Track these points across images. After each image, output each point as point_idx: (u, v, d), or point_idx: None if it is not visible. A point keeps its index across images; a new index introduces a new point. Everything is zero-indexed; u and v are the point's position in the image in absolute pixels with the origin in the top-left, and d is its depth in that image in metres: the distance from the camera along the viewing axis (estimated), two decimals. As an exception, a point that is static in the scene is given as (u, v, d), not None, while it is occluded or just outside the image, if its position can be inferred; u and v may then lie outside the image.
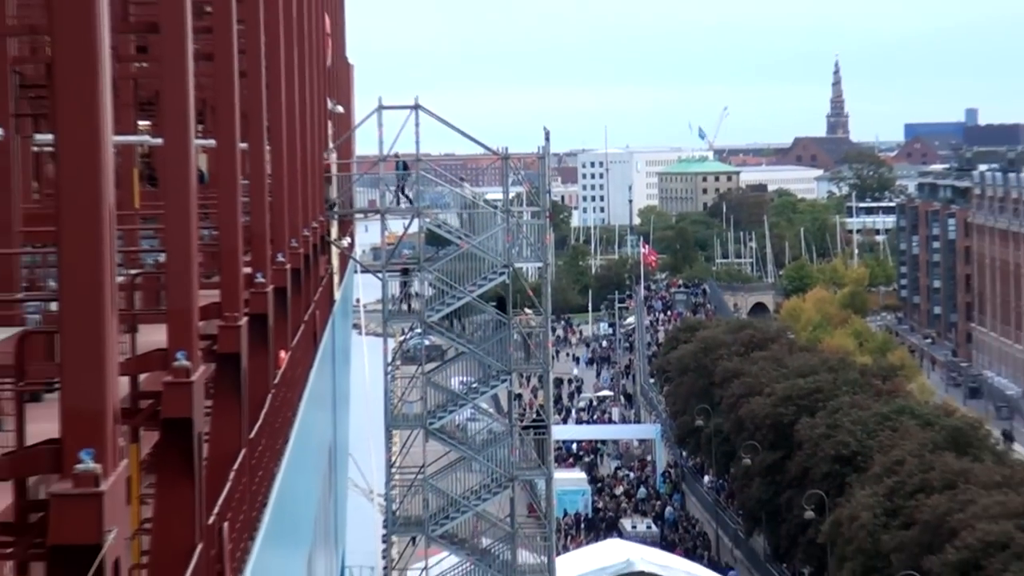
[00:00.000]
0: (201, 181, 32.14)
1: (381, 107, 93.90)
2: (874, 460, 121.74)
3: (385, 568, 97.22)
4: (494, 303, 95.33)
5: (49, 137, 25.79)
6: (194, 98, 30.70)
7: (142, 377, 26.24)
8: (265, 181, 44.32)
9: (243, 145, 39.22)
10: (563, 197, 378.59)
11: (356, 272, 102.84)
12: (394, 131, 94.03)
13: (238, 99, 38.01)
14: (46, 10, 20.91)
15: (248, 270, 38.50)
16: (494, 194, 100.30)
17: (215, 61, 36.03)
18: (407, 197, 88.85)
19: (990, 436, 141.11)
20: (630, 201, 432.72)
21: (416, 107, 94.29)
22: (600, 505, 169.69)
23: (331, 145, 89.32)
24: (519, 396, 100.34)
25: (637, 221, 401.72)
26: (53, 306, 22.01)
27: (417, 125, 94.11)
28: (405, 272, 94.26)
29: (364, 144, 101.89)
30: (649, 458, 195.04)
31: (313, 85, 74.04)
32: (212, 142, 35.29)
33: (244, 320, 35.72)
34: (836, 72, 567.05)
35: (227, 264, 35.79)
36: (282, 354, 46.49)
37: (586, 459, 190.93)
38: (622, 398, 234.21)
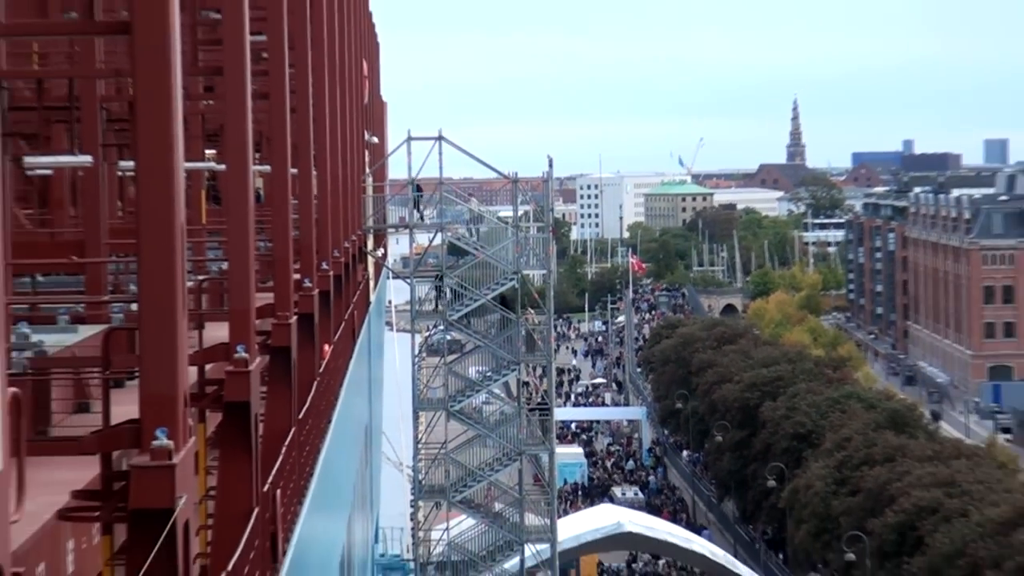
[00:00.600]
0: (258, 201, 32.22)
1: (410, 138, 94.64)
2: (826, 437, 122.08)
3: (412, 529, 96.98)
4: (505, 304, 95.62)
5: (131, 163, 25.86)
6: (252, 130, 30.82)
7: (208, 367, 26.31)
8: (312, 201, 44.30)
9: (293, 170, 39.27)
10: (564, 214, 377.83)
11: (388, 278, 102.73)
12: (421, 158, 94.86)
13: (289, 131, 38.05)
14: (129, 56, 20.94)
15: (297, 276, 38.55)
16: (505, 211, 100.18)
17: (270, 99, 36.05)
18: (420, 214, 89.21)
19: (923, 417, 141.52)
20: (620, 218, 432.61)
21: (439, 138, 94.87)
22: (594, 476, 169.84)
23: (367, 170, 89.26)
24: (526, 383, 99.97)
25: (626, 235, 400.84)
26: (134, 307, 22.09)
27: (440, 153, 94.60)
28: (440, 279, 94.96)
29: (395, 169, 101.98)
30: (636, 436, 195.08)
31: (352, 119, 74.05)
32: (267, 168, 35.29)
33: (294, 319, 35.82)
34: (795, 109, 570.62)
35: (279, 271, 35.87)
36: (326, 347, 46.61)
37: (583, 436, 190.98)
38: (614, 385, 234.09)
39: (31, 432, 18.55)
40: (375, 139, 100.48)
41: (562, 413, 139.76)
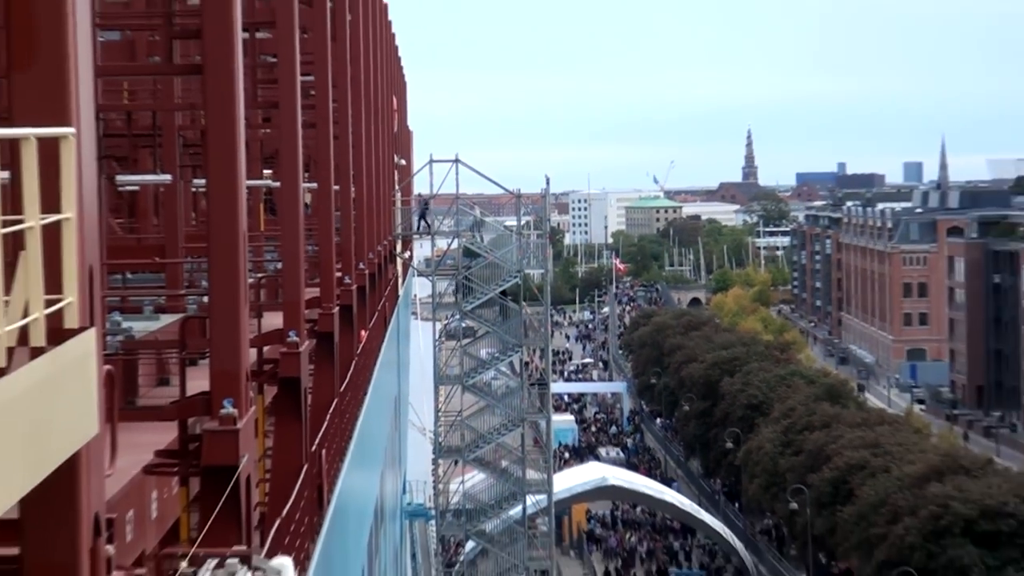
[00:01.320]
0: (306, 212, 32.26)
1: (432, 160, 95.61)
2: (774, 407, 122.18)
3: (433, 482, 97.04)
4: (510, 297, 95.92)
5: (203, 181, 25.86)
6: (302, 154, 30.84)
7: (266, 349, 26.36)
8: (351, 212, 44.33)
9: (336, 187, 39.28)
10: (558, 223, 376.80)
11: (414, 276, 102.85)
12: (441, 177, 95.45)
13: (332, 155, 38.07)
14: (202, 92, 20.90)
15: (339, 274, 38.57)
16: (510, 221, 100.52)
17: (317, 128, 36.03)
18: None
19: (853, 391, 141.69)
20: (605, 227, 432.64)
21: (456, 160, 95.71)
22: (583, 439, 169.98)
23: (396, 187, 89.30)
24: (527, 362, 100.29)
25: (610, 241, 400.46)
26: (205, 299, 22.07)
27: (457, 173, 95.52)
28: (452, 276, 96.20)
29: (420, 186, 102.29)
30: (618, 406, 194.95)
31: (384, 145, 74.13)
32: (314, 185, 35.29)
33: (336, 309, 35.89)
34: (748, 137, 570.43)
35: (324, 270, 35.87)
36: (362, 333, 46.70)
37: (574, 406, 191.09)
38: (600, 364, 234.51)
39: (122, 402, 18.54)
40: (403, 161, 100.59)
41: (557, 387, 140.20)
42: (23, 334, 9.58)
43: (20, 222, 9.64)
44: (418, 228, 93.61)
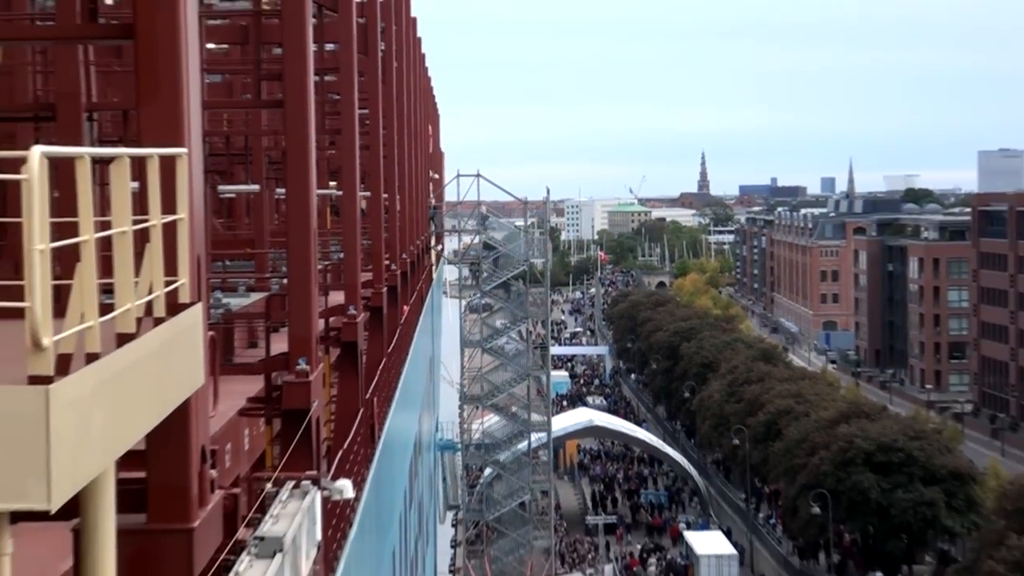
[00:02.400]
0: (362, 215, 32.32)
1: (459, 175, 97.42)
2: (721, 366, 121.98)
3: (460, 423, 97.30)
4: (519, 280, 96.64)
5: (283, 190, 26.00)
6: (359, 169, 30.82)
7: (331, 319, 26.39)
8: (395, 215, 44.38)
9: (384, 195, 39.30)
10: (556, 224, 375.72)
11: (444, 263, 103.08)
12: (465, 188, 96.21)
13: (382, 170, 38.08)
14: (283, 121, 20.85)
15: (386, 262, 38.60)
16: (519, 222, 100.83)
17: (370, 150, 36.00)
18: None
19: (782, 353, 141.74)
20: (592, 227, 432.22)
21: (477, 175, 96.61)
22: (574, 389, 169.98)
23: (431, 196, 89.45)
24: (531, 331, 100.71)
25: (596, 237, 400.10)
26: (285, 281, 22.09)
27: (479, 185, 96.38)
28: (474, 264, 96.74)
29: (450, 194, 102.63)
30: (602, 364, 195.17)
31: (421, 163, 74.33)
32: (368, 193, 35.33)
33: (384, 289, 35.97)
34: (702, 157, 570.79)
35: (375, 259, 35.91)
36: (405, 307, 46.74)
37: (568, 364, 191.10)
38: (588, 332, 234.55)
39: (222, 360, 18.54)
40: (436, 175, 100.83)
41: (554, 350, 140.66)
42: (148, 307, 9.60)
43: (146, 221, 9.65)
44: (430, 229, 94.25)
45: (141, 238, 9.57)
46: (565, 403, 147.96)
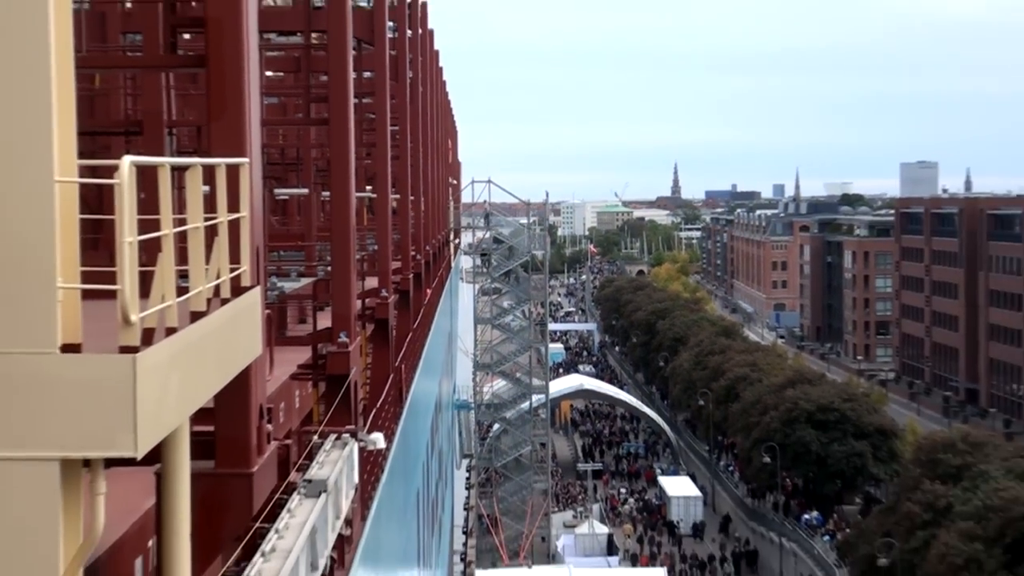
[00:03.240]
0: (392, 214, 32.30)
1: (473, 181, 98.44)
2: (690, 340, 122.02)
3: (473, 385, 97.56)
4: (523, 268, 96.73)
5: (328, 193, 26.01)
6: (390, 176, 30.82)
7: (367, 300, 26.40)
8: (421, 214, 44.36)
9: (411, 197, 39.27)
10: (554, 222, 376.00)
11: (461, 254, 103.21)
12: (479, 192, 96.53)
13: (409, 177, 38.06)
14: (328, 135, 20.87)
15: (413, 253, 38.57)
16: (523, 220, 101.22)
17: (399, 159, 36.02)
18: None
19: (741, 330, 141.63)
20: (584, 225, 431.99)
21: (489, 181, 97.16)
22: (568, 359, 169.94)
23: (451, 198, 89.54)
24: (532, 311, 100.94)
25: (587, 233, 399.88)
26: (329, 268, 22.10)
27: (489, 189, 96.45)
28: (485, 255, 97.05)
29: (466, 197, 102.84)
30: (591, 338, 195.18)
31: (442, 171, 74.24)
32: (398, 196, 35.34)
33: (411, 275, 35.91)
34: (675, 166, 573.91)
35: (403, 250, 35.87)
36: (428, 290, 46.68)
37: (563, 338, 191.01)
38: (580, 311, 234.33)
39: (276, 333, 18.56)
40: (454, 181, 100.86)
41: (552, 326, 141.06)
42: (216, 290, 9.64)
43: (214, 218, 9.68)
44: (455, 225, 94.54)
45: (210, 232, 9.62)
46: (560, 370, 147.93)
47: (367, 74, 31.74)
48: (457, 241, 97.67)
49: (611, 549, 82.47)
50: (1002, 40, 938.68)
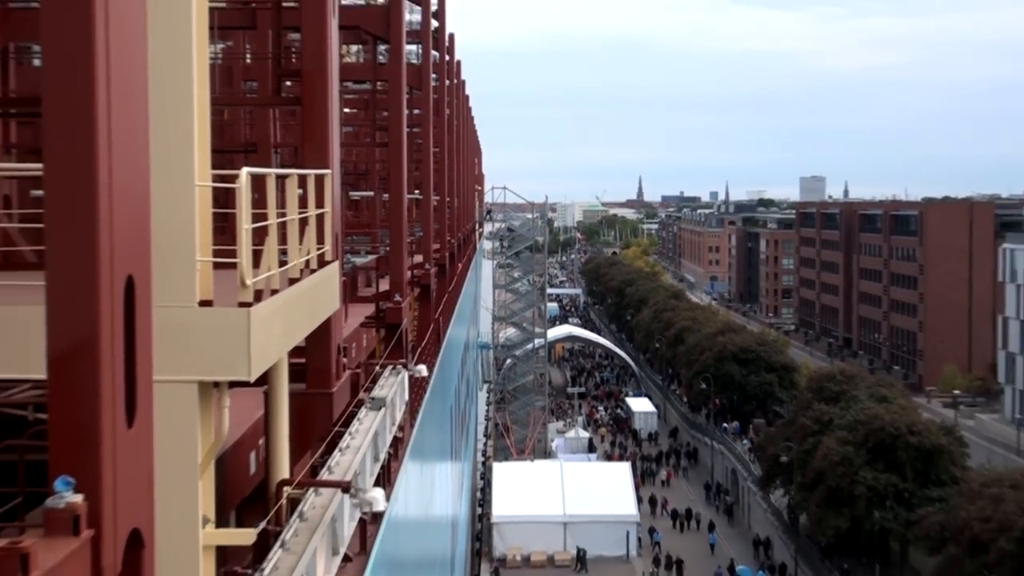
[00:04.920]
0: (434, 210, 32.33)
1: (492, 187, 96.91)
2: (649, 301, 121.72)
3: (491, 332, 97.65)
4: (528, 249, 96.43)
5: (387, 195, 26.14)
6: (432, 182, 30.83)
7: (415, 271, 26.44)
8: (454, 210, 44.35)
9: (448, 198, 39.27)
10: (552, 218, 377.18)
11: (484, 239, 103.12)
12: (497, 195, 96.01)
13: (446, 183, 38.05)
14: (388, 154, 20.91)
15: (448, 237, 38.56)
16: (528, 215, 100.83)
17: (438, 172, 36.01)
18: (490, 216, 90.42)
19: (685, 294, 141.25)
20: (573, 219, 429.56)
21: (504, 188, 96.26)
22: (561, 313, 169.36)
23: (476, 200, 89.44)
24: (535, 279, 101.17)
25: (576, 225, 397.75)
26: (388, 248, 22.12)
27: (505, 194, 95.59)
28: (501, 239, 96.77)
29: (488, 199, 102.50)
30: (579, 299, 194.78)
31: (471, 180, 74.02)
32: (437, 197, 35.32)
33: (446, 254, 35.88)
34: (640, 179, 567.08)
35: (441, 236, 35.82)
36: (459, 264, 46.67)
37: (560, 300, 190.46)
38: (570, 280, 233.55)
39: (350, 294, 18.70)
40: (479, 187, 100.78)
41: (549, 291, 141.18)
42: (307, 263, 9.75)
43: (306, 212, 9.79)
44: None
45: (303, 222, 9.73)
46: (556, 321, 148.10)
47: (416, 111, 31.77)
48: (481, 230, 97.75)
49: (591, 448, 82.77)
50: (868, 89, 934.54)
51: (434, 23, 32.43)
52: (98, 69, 4.33)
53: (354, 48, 30.59)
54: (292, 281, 9.00)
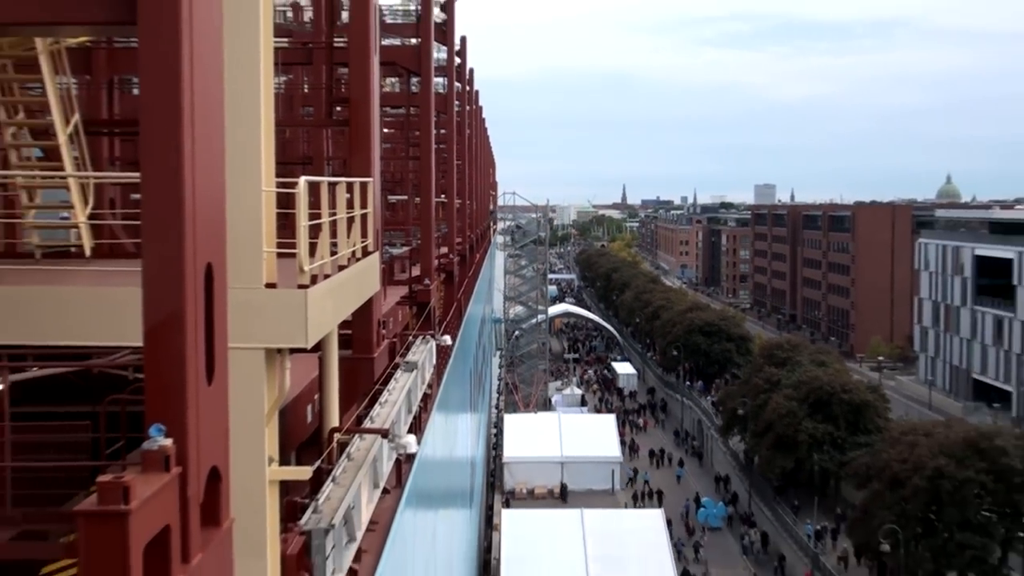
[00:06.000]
0: (457, 211, 32.20)
1: (504, 193, 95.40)
2: (632, 284, 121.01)
3: (503, 309, 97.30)
4: (533, 243, 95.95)
5: (418, 199, 26.09)
6: (455, 188, 30.69)
7: (441, 260, 26.35)
8: (474, 211, 44.17)
9: (469, 201, 39.12)
10: (552, 217, 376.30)
11: (497, 234, 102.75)
12: (508, 199, 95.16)
13: (467, 189, 37.89)
14: (418, 167, 20.83)
15: (468, 233, 38.42)
16: (533, 215, 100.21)
17: (460, 180, 35.83)
18: (492, 215, 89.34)
19: (660, 279, 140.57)
20: (569, 218, 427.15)
21: (514, 193, 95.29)
22: (559, 295, 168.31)
23: (491, 203, 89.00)
24: (538, 267, 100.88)
25: (571, 223, 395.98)
26: (419, 241, 22.03)
27: (514, 198, 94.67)
28: (511, 235, 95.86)
29: (501, 202, 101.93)
30: (573, 283, 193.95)
31: (487, 186, 73.65)
32: (459, 200, 35.20)
33: (467, 246, 35.76)
34: (624, 187, 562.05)
35: (462, 231, 35.64)
36: (477, 255, 46.45)
37: (560, 284, 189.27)
38: (566, 268, 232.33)
39: (388, 278, 18.74)
40: (493, 192, 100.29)
41: (550, 276, 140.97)
42: (353, 253, 9.75)
43: (352, 212, 9.78)
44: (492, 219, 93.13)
45: (350, 221, 9.71)
46: (555, 301, 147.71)
47: (442, 131, 31.65)
48: (495, 227, 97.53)
49: (583, 403, 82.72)
50: (809, 114, 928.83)
51: (457, 60, 32.34)
52: (184, 97, 4.37)
53: (392, 80, 30.56)
54: (341, 268, 9.01)
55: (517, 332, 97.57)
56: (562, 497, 57.10)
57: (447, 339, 19.87)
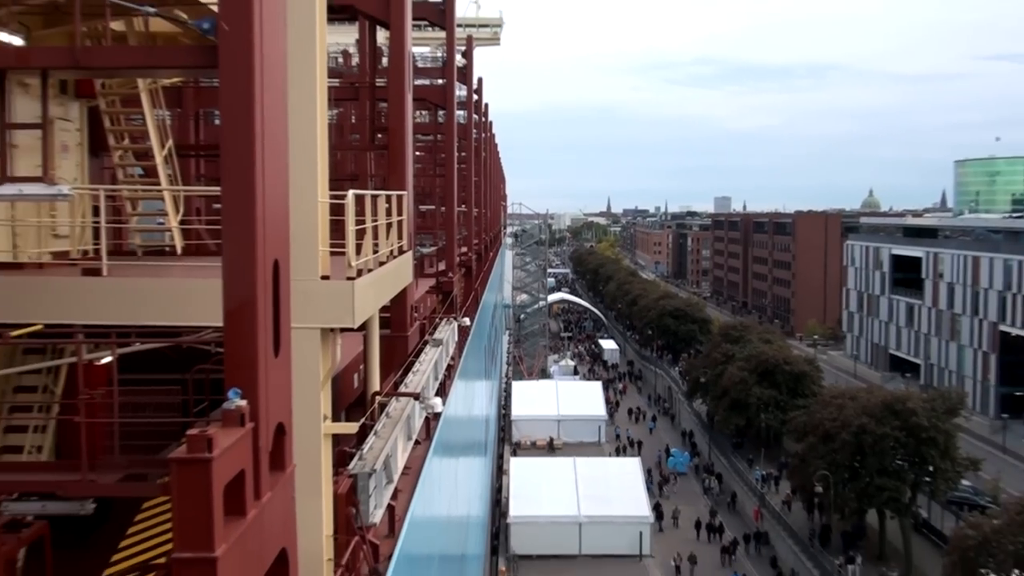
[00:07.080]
0: (475, 218, 32.05)
1: (512, 203, 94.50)
2: (616, 277, 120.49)
3: (511, 297, 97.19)
4: (536, 243, 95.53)
5: (443, 208, 25.99)
6: (473, 199, 30.50)
7: (462, 257, 26.20)
8: (488, 218, 43.95)
9: (485, 211, 38.95)
10: (551, 224, 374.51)
11: (507, 236, 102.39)
12: (515, 208, 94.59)
13: (482, 201, 37.68)
14: (443, 181, 20.75)
15: (483, 236, 38.22)
16: (536, 221, 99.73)
17: (478, 192, 35.66)
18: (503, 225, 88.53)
19: (639, 273, 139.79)
20: (565, 224, 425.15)
21: (520, 203, 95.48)
22: (556, 285, 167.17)
23: (502, 211, 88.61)
24: (540, 263, 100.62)
25: (566, 228, 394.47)
26: (444, 242, 21.89)
27: (520, 208, 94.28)
28: (517, 236, 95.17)
29: (510, 211, 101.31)
30: (568, 276, 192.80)
31: (498, 198, 73.29)
32: (477, 209, 35.05)
33: (482, 246, 35.52)
34: (608, 198, 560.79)
35: (478, 234, 35.43)
36: (490, 253, 46.17)
37: (558, 275, 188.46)
38: (562, 263, 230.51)
39: (419, 272, 18.67)
40: (504, 203, 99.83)
41: (549, 271, 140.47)
42: (391, 252, 9.73)
43: (391, 219, 9.76)
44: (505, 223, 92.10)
45: (389, 225, 9.68)
46: (553, 290, 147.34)
47: (463, 154, 31.52)
48: (505, 231, 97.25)
49: (575, 372, 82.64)
50: (759, 140, 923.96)
51: (475, 96, 32.22)
52: (255, 126, 4.40)
53: (422, 112, 30.48)
54: (381, 263, 9.00)
55: (522, 315, 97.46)
56: (551, 447, 57.22)
57: (467, 321, 19.86)
